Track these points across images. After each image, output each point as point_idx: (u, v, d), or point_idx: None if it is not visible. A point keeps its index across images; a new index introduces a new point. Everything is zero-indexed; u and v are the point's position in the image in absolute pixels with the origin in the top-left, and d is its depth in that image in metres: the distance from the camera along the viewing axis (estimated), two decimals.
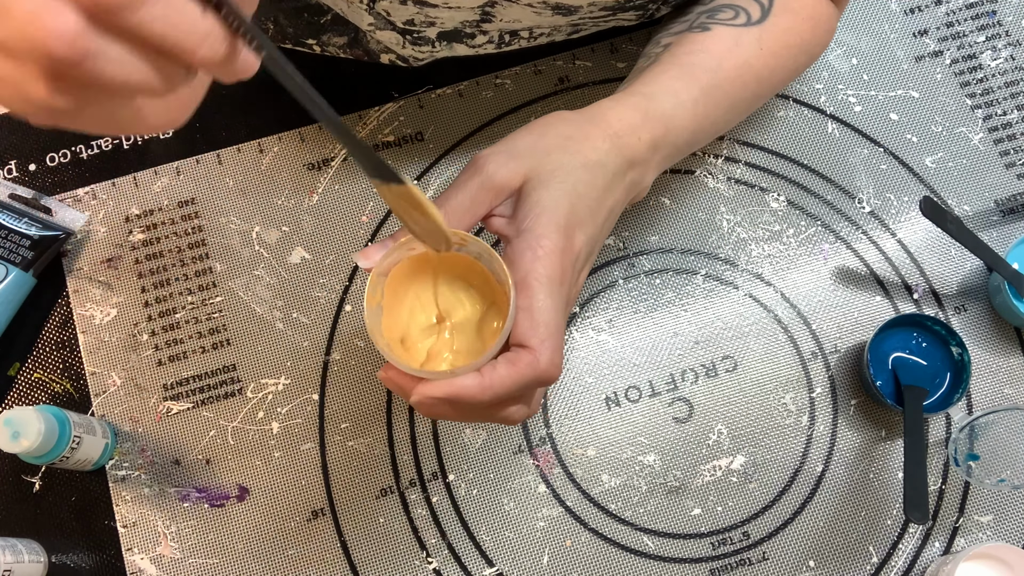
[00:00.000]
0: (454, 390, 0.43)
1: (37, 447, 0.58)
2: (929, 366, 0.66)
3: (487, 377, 0.43)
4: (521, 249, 0.46)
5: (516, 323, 0.45)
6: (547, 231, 0.46)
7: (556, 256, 0.46)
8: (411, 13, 0.60)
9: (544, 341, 0.44)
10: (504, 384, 0.43)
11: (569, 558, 0.64)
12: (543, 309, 0.45)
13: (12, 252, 0.67)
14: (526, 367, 0.44)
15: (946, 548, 0.65)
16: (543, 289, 0.45)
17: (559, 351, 0.45)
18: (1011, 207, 0.72)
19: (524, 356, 0.44)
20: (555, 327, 0.45)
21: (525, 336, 0.44)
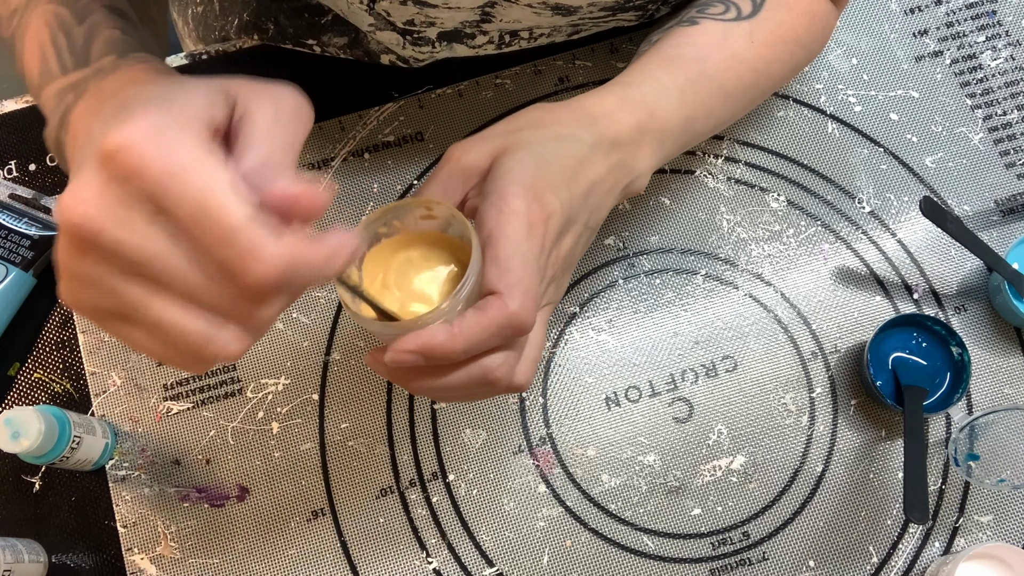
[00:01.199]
0: (423, 340, 0.42)
1: (37, 447, 0.58)
2: (929, 366, 0.66)
3: (456, 326, 0.42)
4: (486, 208, 0.45)
5: (484, 276, 0.44)
6: (511, 188, 0.46)
7: (522, 212, 0.45)
8: (411, 13, 0.60)
9: (513, 286, 0.43)
10: (474, 330, 0.42)
11: (569, 558, 0.64)
12: (509, 256, 0.44)
13: (12, 252, 0.67)
14: (495, 311, 0.42)
15: (946, 548, 0.65)
16: (510, 241, 0.44)
17: (530, 297, 0.43)
18: (1011, 207, 0.72)
19: (492, 301, 0.43)
20: (524, 273, 0.44)
21: (492, 283, 0.43)
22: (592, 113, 0.51)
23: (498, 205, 0.45)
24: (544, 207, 0.46)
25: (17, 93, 0.75)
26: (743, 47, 0.57)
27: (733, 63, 0.57)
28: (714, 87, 0.56)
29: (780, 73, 0.61)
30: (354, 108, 0.74)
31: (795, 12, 0.60)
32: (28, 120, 0.74)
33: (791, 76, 0.63)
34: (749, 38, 0.58)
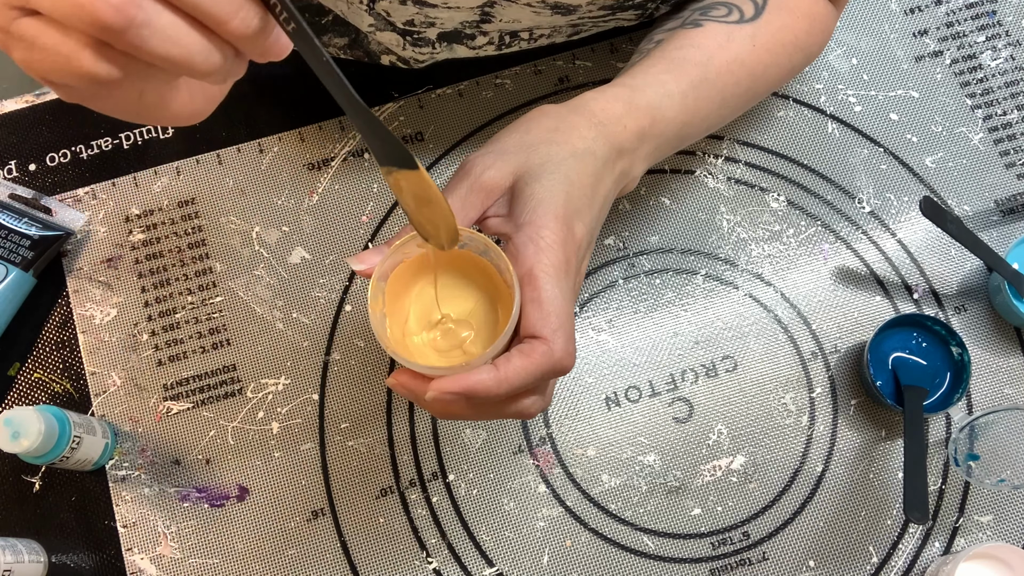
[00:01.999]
0: (470, 384, 0.43)
1: (37, 447, 0.58)
2: (929, 366, 0.66)
3: (502, 369, 0.43)
4: (523, 242, 0.46)
5: (525, 315, 0.44)
6: (546, 222, 0.46)
7: (559, 246, 0.46)
8: (411, 13, 0.60)
9: (556, 330, 0.44)
10: (519, 375, 0.43)
11: (569, 558, 0.64)
12: (552, 299, 0.44)
13: (12, 252, 0.67)
14: (541, 357, 0.43)
15: (946, 548, 0.65)
16: (550, 279, 0.45)
17: (572, 340, 0.45)
18: (1011, 207, 0.72)
19: (538, 347, 0.43)
20: (565, 316, 0.45)
21: (536, 327, 0.44)
22: (601, 119, 0.51)
23: (535, 240, 0.45)
24: (575, 236, 0.47)
25: (17, 93, 0.75)
26: (745, 51, 0.57)
27: (734, 67, 0.57)
28: (714, 92, 0.56)
29: (776, 77, 0.61)
30: None
31: (796, 15, 0.60)
32: (28, 120, 0.74)
33: (787, 80, 0.63)
34: (752, 42, 0.58)
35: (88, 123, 0.73)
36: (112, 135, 0.73)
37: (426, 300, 0.49)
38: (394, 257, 0.47)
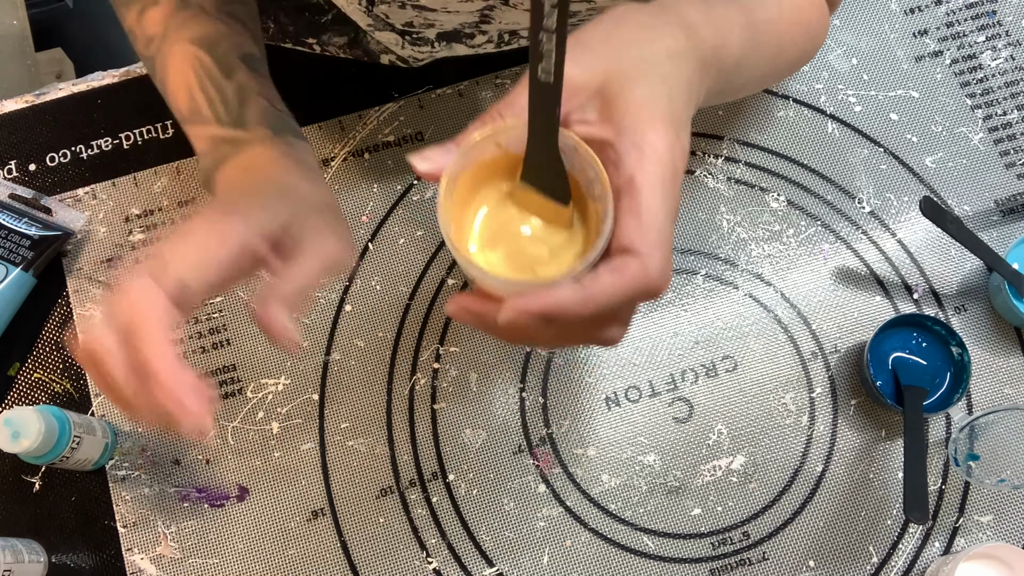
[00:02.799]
0: (552, 302, 0.37)
1: (37, 447, 0.58)
2: (929, 366, 0.66)
3: (588, 287, 0.38)
4: (626, 148, 0.40)
5: (620, 227, 0.39)
6: (655, 126, 0.40)
7: (667, 153, 0.40)
8: (409, 16, 0.60)
9: (654, 247, 0.38)
10: (607, 295, 0.38)
11: (569, 558, 0.64)
12: (654, 211, 0.39)
13: (12, 252, 0.67)
14: (634, 276, 0.38)
15: (946, 548, 0.65)
16: (654, 189, 0.39)
17: (670, 261, 0.39)
18: (1011, 207, 0.72)
19: (631, 263, 0.38)
20: (666, 232, 0.39)
21: (632, 241, 0.38)
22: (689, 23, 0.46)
23: (640, 147, 0.40)
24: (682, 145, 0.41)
25: (17, 93, 0.75)
26: (775, 16, 0.54)
27: (768, 27, 0.54)
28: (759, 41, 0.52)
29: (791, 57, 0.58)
30: (354, 108, 0.74)
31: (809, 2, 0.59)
32: (28, 120, 0.74)
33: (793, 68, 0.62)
34: (779, 10, 0.55)
35: (88, 123, 0.73)
36: (112, 135, 0.73)
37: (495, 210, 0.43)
38: (467, 157, 0.41)
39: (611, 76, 0.42)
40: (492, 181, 0.43)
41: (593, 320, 0.40)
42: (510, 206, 0.43)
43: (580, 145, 0.40)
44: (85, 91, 0.74)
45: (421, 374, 0.68)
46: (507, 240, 0.43)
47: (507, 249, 0.42)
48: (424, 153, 0.41)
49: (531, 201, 0.43)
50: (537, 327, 0.39)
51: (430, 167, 0.41)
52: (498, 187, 0.43)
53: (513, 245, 0.42)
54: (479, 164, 0.42)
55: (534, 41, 0.35)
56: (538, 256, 0.42)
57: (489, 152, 0.41)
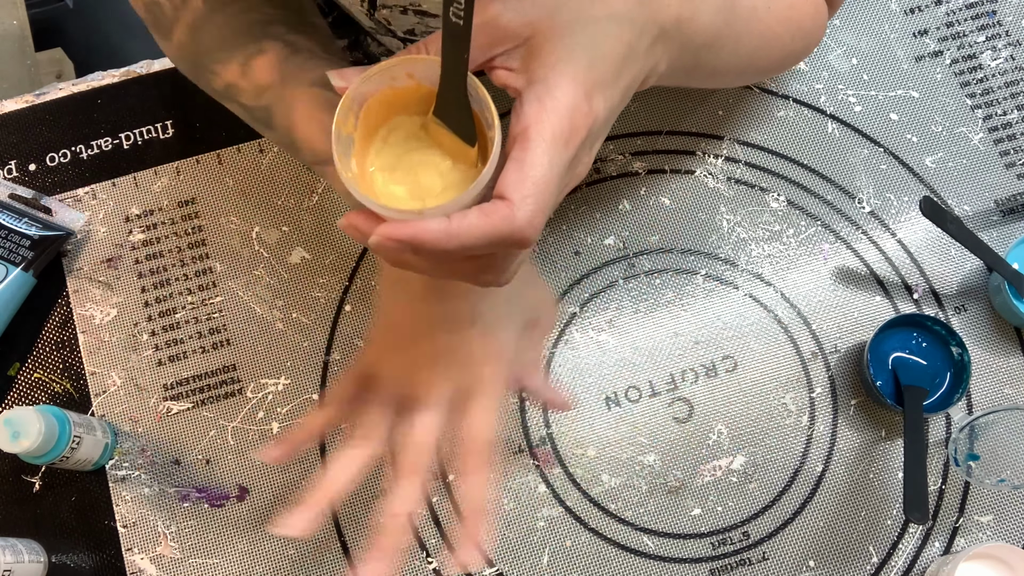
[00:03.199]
0: (415, 232, 0.39)
1: (37, 447, 0.58)
2: (929, 366, 0.66)
3: (455, 223, 0.39)
4: (529, 99, 0.41)
5: (504, 173, 0.40)
6: (561, 82, 0.41)
7: (567, 112, 0.41)
8: (411, 23, 0.60)
9: (527, 197, 0.39)
10: (472, 234, 0.39)
11: (569, 558, 0.64)
12: (537, 164, 0.40)
13: (12, 252, 0.67)
14: (500, 220, 0.39)
15: (946, 548, 0.65)
16: (543, 143, 0.40)
17: (541, 213, 0.40)
18: (1011, 207, 0.72)
19: (500, 208, 0.39)
20: (544, 186, 0.40)
21: (507, 188, 0.39)
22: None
23: (543, 100, 0.40)
24: (591, 108, 0.42)
25: (17, 93, 0.75)
26: (762, 9, 0.54)
27: (751, 17, 0.54)
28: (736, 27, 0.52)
29: (776, 55, 0.58)
30: None
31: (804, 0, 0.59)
32: (28, 120, 0.74)
33: (779, 68, 0.61)
34: (767, 4, 0.55)
35: (88, 123, 0.73)
36: (112, 135, 0.73)
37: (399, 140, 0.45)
38: (377, 79, 0.42)
39: (541, 29, 0.43)
40: (405, 110, 0.44)
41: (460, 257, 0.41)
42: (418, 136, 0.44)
43: (479, 89, 0.41)
44: (85, 91, 0.74)
45: None
46: (406, 168, 0.44)
47: (404, 175, 0.44)
48: (342, 72, 0.43)
49: (440, 136, 0.44)
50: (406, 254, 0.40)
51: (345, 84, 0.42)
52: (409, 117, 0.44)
53: (411, 173, 0.44)
54: (392, 91, 0.43)
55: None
56: (431, 188, 0.44)
57: (401, 81, 0.43)
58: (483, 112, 0.41)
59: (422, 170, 0.44)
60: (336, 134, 0.41)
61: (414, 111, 0.44)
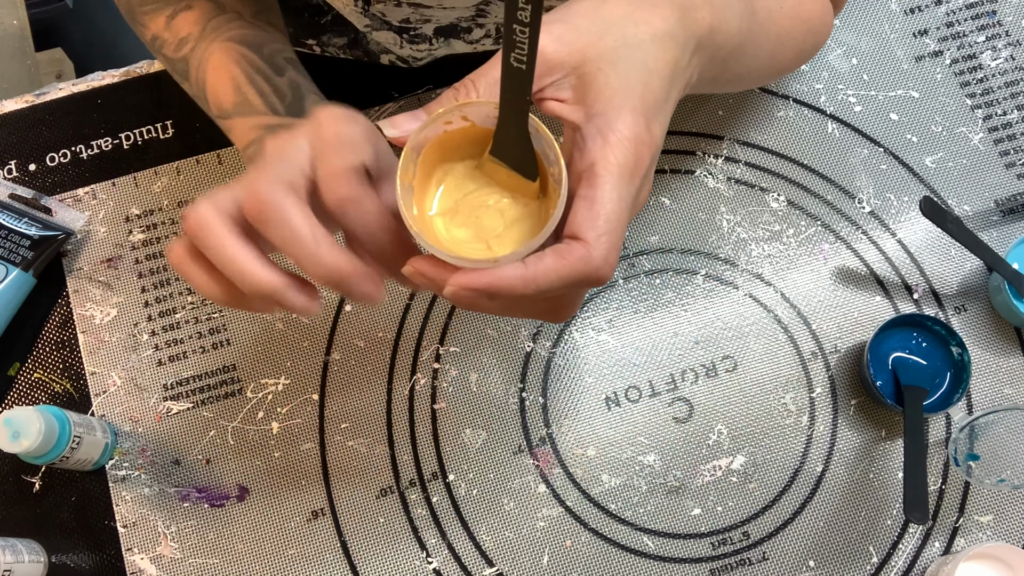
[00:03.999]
0: (491, 281, 0.39)
1: (37, 447, 0.58)
2: (929, 366, 0.66)
3: (531, 269, 0.39)
4: (591, 134, 0.41)
5: (574, 212, 0.40)
6: (623, 115, 0.41)
7: (631, 144, 0.40)
8: (406, 13, 0.60)
9: (602, 236, 0.39)
10: (549, 278, 0.39)
11: (569, 558, 0.64)
12: (607, 200, 0.39)
13: (12, 252, 0.67)
14: (576, 262, 0.39)
15: (946, 548, 0.65)
16: (612, 178, 0.40)
17: (616, 250, 0.40)
18: (1011, 207, 0.72)
19: (576, 249, 0.39)
20: (616, 222, 0.40)
21: (581, 228, 0.39)
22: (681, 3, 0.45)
23: (605, 134, 0.40)
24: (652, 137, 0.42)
25: (17, 93, 0.75)
26: (775, 8, 0.54)
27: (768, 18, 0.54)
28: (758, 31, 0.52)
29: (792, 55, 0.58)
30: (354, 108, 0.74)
31: None
32: (28, 120, 0.74)
33: (792, 67, 0.61)
34: (780, 3, 0.54)
35: (88, 123, 0.73)
36: (112, 135, 0.73)
37: (456, 182, 0.44)
38: (432, 127, 0.42)
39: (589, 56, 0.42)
40: (458, 151, 0.44)
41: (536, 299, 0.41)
42: (474, 177, 0.44)
43: (541, 128, 0.40)
44: (85, 91, 0.74)
45: (421, 374, 0.68)
46: (467, 210, 0.44)
47: (466, 218, 0.44)
48: (393, 119, 0.42)
49: (498, 174, 0.44)
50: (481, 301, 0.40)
51: (398, 133, 0.42)
52: (464, 158, 0.44)
53: (472, 215, 0.44)
54: (446, 134, 0.43)
55: (508, 31, 0.36)
56: (493, 228, 0.43)
57: (456, 123, 0.42)
58: (545, 150, 0.41)
59: (483, 211, 0.44)
60: (400, 186, 0.41)
61: (468, 151, 0.44)
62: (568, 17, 0.43)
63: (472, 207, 0.44)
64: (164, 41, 0.57)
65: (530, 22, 0.35)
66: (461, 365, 0.68)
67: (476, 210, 0.44)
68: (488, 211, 0.43)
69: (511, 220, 0.43)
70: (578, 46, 0.42)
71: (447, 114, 0.41)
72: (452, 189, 0.44)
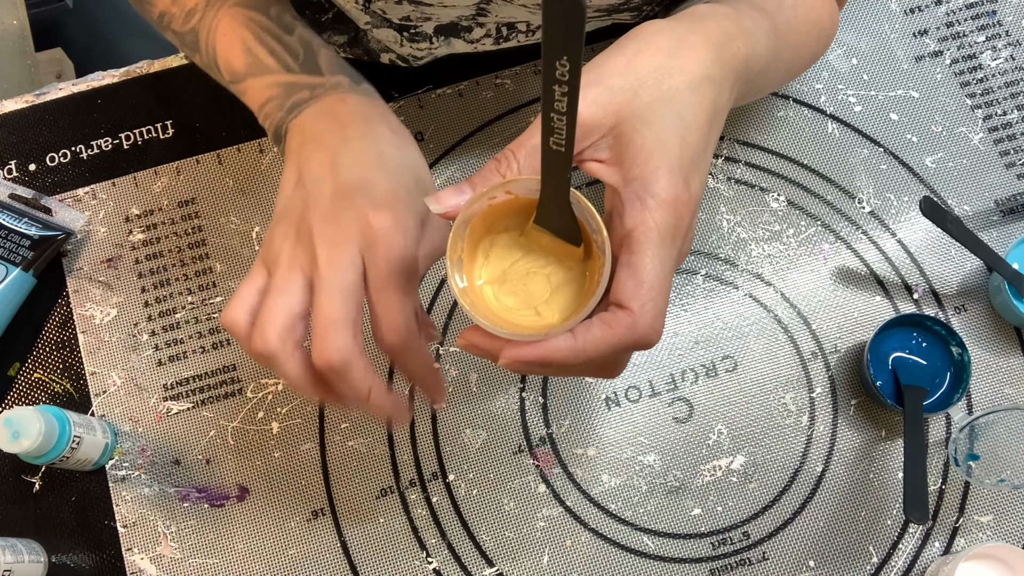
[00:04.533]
0: (544, 353, 0.40)
1: (37, 447, 0.58)
2: (929, 366, 0.66)
3: (580, 339, 0.40)
4: (630, 199, 0.41)
5: (618, 280, 0.41)
6: (659, 177, 0.41)
7: (670, 206, 0.41)
8: (407, 11, 0.60)
9: (646, 304, 0.40)
10: (598, 348, 0.40)
11: (569, 558, 0.64)
12: (649, 267, 0.40)
13: (12, 252, 0.67)
14: (623, 331, 0.40)
15: (946, 548, 0.65)
16: (652, 245, 0.40)
17: (662, 315, 0.41)
18: (1011, 207, 0.72)
19: (622, 318, 0.40)
20: (660, 288, 0.40)
21: (626, 296, 0.40)
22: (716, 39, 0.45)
23: (643, 198, 0.41)
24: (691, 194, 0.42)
25: (17, 93, 0.75)
26: (790, 17, 0.54)
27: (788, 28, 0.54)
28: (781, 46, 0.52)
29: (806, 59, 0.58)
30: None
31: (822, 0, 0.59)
32: (28, 120, 0.74)
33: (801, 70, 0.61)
34: (794, 12, 0.54)
35: (88, 123, 0.73)
36: (112, 135, 0.73)
37: (502, 251, 0.46)
38: (479, 202, 0.43)
39: (625, 116, 0.42)
40: (503, 221, 0.45)
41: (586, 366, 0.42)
42: (519, 244, 0.46)
43: (582, 201, 0.41)
44: (85, 91, 0.74)
45: None
46: (514, 278, 0.45)
47: (514, 286, 0.45)
48: (439, 196, 0.43)
49: (542, 240, 0.45)
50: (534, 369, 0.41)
51: (444, 209, 0.43)
52: (508, 228, 0.46)
53: (519, 283, 0.45)
54: (490, 207, 0.44)
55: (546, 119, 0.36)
56: (541, 294, 0.45)
57: (500, 197, 0.43)
58: (587, 219, 0.42)
59: (530, 278, 0.45)
60: (449, 263, 0.42)
61: (512, 221, 0.45)
62: (602, 78, 0.43)
63: (519, 275, 0.45)
64: (172, 16, 0.57)
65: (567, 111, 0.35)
66: (461, 365, 0.68)
67: (523, 277, 0.45)
68: (535, 278, 0.45)
69: (557, 285, 0.45)
70: (613, 107, 0.42)
71: (491, 191, 0.42)
72: (499, 258, 0.46)
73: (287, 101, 0.52)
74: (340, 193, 0.47)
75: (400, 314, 0.46)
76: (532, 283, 0.45)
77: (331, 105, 0.51)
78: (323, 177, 0.48)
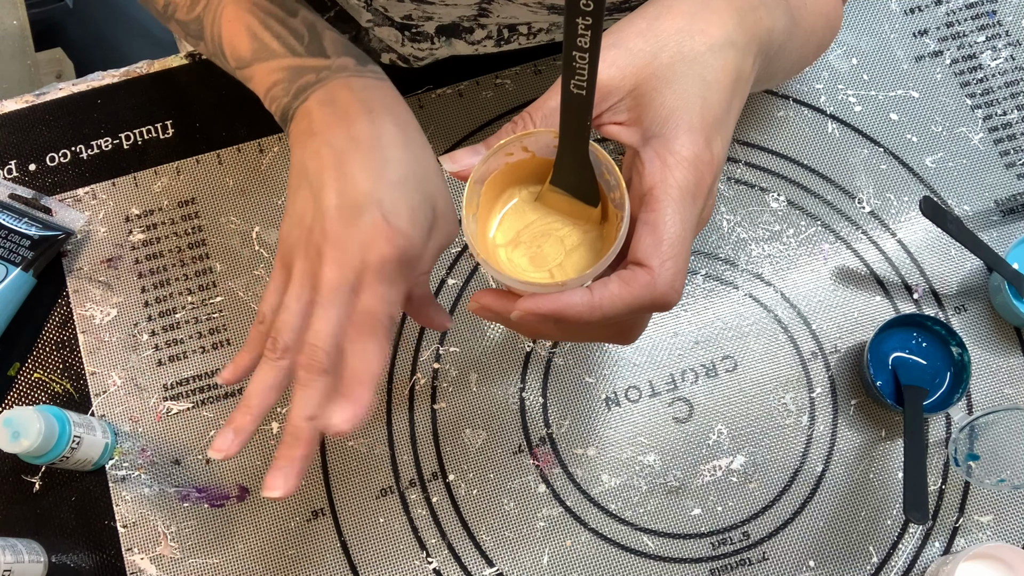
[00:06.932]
0: (560, 306, 0.39)
1: (37, 447, 0.58)
2: (929, 366, 0.66)
3: (597, 295, 0.39)
4: (650, 157, 0.40)
5: (636, 238, 0.40)
6: (679, 134, 0.40)
7: (690, 165, 0.40)
8: (408, 9, 0.60)
9: (666, 261, 0.39)
10: (615, 305, 0.39)
11: (569, 558, 0.64)
12: (669, 224, 0.39)
13: (12, 252, 0.67)
14: (641, 288, 0.39)
15: (946, 548, 0.65)
16: (672, 203, 0.39)
17: (682, 275, 0.40)
18: (1011, 207, 0.72)
19: (641, 276, 0.39)
20: (680, 247, 0.39)
21: (645, 254, 0.39)
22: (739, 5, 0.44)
23: (663, 156, 0.40)
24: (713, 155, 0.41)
25: (17, 93, 0.75)
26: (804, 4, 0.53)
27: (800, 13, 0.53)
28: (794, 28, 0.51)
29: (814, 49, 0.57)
30: None
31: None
32: (28, 120, 0.74)
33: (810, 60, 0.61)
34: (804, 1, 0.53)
35: (88, 123, 0.73)
36: (112, 135, 0.73)
37: (519, 212, 0.45)
38: (494, 160, 0.42)
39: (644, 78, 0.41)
40: (519, 181, 0.45)
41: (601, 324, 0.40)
42: (535, 207, 0.45)
43: (600, 153, 0.40)
44: (85, 91, 0.74)
45: (421, 374, 0.68)
46: (529, 239, 0.44)
47: (527, 248, 0.44)
48: (453, 155, 0.42)
49: (558, 203, 0.44)
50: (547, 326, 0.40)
51: (458, 168, 0.42)
52: (524, 187, 0.45)
53: (533, 244, 0.44)
54: (507, 166, 0.43)
55: (568, 57, 0.36)
56: (555, 256, 0.44)
57: (517, 155, 0.43)
58: (605, 175, 0.41)
59: (544, 240, 0.44)
60: (464, 217, 0.42)
61: (528, 182, 0.45)
62: (622, 40, 0.42)
63: (533, 236, 0.45)
64: (176, 5, 0.57)
65: (589, 47, 0.35)
66: (461, 365, 0.68)
67: (537, 239, 0.44)
68: (549, 240, 0.44)
69: (571, 247, 0.44)
70: (632, 68, 0.42)
71: (508, 145, 0.42)
72: (513, 220, 0.45)
73: (293, 85, 0.52)
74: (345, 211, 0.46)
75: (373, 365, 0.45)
76: (546, 245, 0.44)
77: (336, 92, 0.50)
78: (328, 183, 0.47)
